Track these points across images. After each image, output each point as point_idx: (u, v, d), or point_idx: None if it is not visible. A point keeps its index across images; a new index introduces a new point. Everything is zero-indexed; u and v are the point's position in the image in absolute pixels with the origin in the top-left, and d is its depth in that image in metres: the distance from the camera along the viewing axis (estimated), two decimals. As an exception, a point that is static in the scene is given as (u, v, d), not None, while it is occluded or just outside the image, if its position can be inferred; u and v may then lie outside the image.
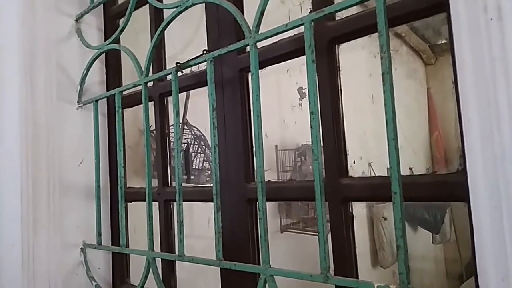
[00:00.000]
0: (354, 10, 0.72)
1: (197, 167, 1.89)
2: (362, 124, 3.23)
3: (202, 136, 1.92)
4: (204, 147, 1.91)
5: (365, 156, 3.39)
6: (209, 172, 1.92)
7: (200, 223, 1.95)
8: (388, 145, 0.56)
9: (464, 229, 4.33)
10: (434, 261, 4.35)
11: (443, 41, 4.65)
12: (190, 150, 1.88)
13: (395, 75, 0.57)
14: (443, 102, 4.75)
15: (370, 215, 3.44)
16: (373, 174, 3.43)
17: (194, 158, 1.89)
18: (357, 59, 3.35)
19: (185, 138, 1.87)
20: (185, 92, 1.80)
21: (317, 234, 0.65)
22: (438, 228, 4.02)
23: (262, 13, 0.75)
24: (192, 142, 1.89)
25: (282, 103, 2.74)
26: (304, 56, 0.81)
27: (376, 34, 0.70)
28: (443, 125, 4.75)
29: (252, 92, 0.75)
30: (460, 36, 0.46)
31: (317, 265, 0.65)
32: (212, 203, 0.91)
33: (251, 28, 0.76)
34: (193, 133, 1.90)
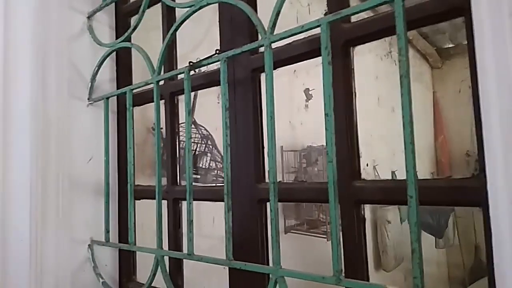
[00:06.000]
0: (368, 12, 0.72)
1: (204, 166, 1.89)
2: (368, 126, 3.23)
3: (210, 136, 1.92)
4: (211, 146, 1.91)
5: (370, 158, 3.39)
6: (216, 171, 1.92)
7: (205, 222, 1.95)
8: (405, 148, 0.56)
9: (467, 234, 4.33)
10: (437, 265, 4.35)
11: (450, 45, 4.64)
12: (197, 149, 1.88)
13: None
14: (449, 106, 4.74)
15: (374, 218, 3.44)
16: (377, 176, 3.43)
17: (201, 157, 1.89)
18: (363, 62, 3.35)
19: (192, 137, 1.87)
20: (193, 92, 1.80)
21: (321, 235, 0.65)
22: (442, 232, 4.01)
23: (277, 14, 0.75)
24: (199, 141, 1.89)
25: (289, 104, 2.74)
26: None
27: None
28: (448, 129, 4.74)
29: (266, 93, 0.75)
30: (483, 42, 0.46)
31: (321, 267, 0.65)
32: (219, 203, 0.91)
33: (266, 29, 0.76)
34: (200, 132, 1.90)
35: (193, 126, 1.91)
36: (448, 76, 4.83)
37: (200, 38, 1.86)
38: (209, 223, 1.97)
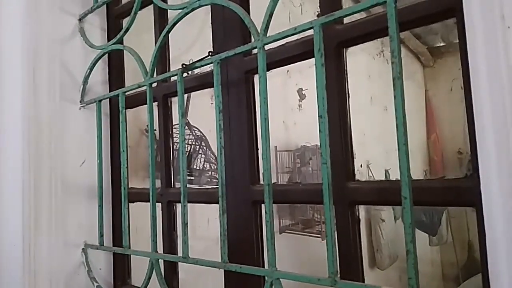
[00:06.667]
0: (360, 14, 0.72)
1: (197, 168, 1.89)
2: (361, 126, 3.25)
3: (203, 137, 1.91)
4: (205, 148, 1.91)
5: (363, 157, 3.41)
6: (210, 172, 1.92)
7: (199, 224, 1.95)
8: (399, 149, 0.56)
9: (460, 231, 4.36)
10: (431, 263, 4.37)
11: (442, 44, 4.68)
12: (191, 151, 1.87)
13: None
14: (441, 104, 4.77)
15: (368, 217, 3.45)
16: (371, 175, 3.44)
17: (194, 158, 1.88)
18: (356, 61, 3.36)
19: (185, 139, 1.87)
20: (186, 93, 1.79)
21: (315, 235, 0.65)
22: (435, 230, 4.03)
23: (270, 15, 0.74)
24: (193, 143, 1.89)
25: (282, 104, 2.74)
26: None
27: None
28: (440, 127, 4.77)
29: (259, 94, 0.74)
30: (475, 43, 0.46)
31: (316, 267, 0.66)
32: (213, 205, 0.91)
33: (259, 31, 0.76)
34: (194, 133, 1.89)
35: (186, 127, 1.90)
36: (439, 74, 4.86)
37: (192, 40, 1.86)
38: (204, 225, 1.97)
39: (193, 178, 1.87)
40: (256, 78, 0.84)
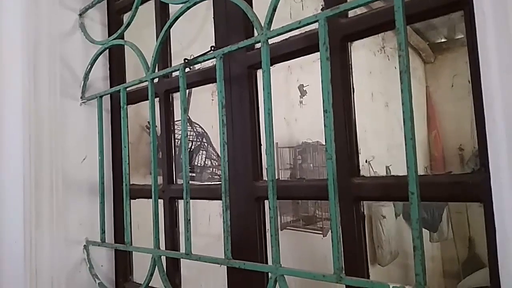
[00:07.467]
0: (360, 9, 0.71)
1: (199, 164, 1.88)
2: (362, 122, 3.23)
3: (205, 133, 1.91)
4: (206, 144, 1.90)
5: (365, 153, 3.40)
6: (212, 169, 1.91)
7: (201, 221, 1.94)
8: (406, 144, 0.55)
9: (461, 228, 4.36)
10: (432, 259, 4.37)
11: (443, 40, 4.66)
12: (193, 147, 1.86)
13: (394, 73, 0.56)
14: (441, 100, 4.76)
15: (369, 214, 3.45)
16: (372, 172, 3.43)
17: (196, 155, 1.87)
18: (357, 57, 3.35)
19: (187, 135, 1.86)
20: (188, 89, 1.78)
21: (317, 231, 0.64)
22: (436, 226, 4.03)
23: (274, 9, 0.73)
24: (194, 139, 1.88)
25: (283, 100, 2.73)
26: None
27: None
28: (441, 123, 4.76)
29: (263, 90, 0.74)
30: (486, 36, 0.46)
31: (317, 263, 0.65)
32: (215, 202, 0.90)
33: (262, 24, 0.75)
34: (195, 130, 1.88)
35: (188, 123, 1.89)
36: (440, 71, 4.84)
37: (194, 35, 1.85)
38: (205, 221, 1.96)
39: (194, 174, 1.86)
40: (259, 73, 0.83)
